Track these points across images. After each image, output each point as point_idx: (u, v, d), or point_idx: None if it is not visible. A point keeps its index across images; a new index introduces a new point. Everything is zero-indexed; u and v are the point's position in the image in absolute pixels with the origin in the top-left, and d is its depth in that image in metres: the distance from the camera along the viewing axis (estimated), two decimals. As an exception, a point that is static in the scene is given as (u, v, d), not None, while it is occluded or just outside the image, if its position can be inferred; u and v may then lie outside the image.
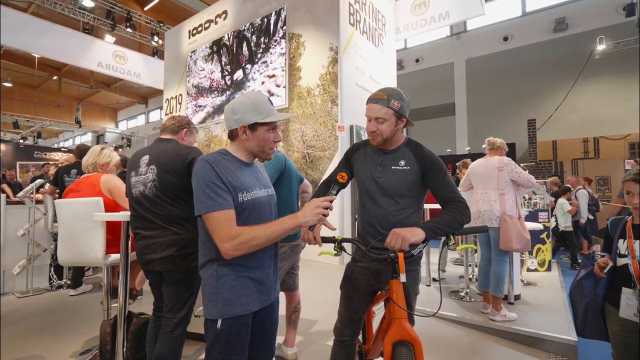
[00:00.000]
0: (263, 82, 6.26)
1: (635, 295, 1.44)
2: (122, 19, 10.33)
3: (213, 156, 1.15)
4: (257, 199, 1.19)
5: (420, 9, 6.82)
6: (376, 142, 1.43)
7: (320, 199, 1.12)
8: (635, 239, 1.49)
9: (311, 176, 5.34)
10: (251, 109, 1.18)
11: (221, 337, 1.10)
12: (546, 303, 3.20)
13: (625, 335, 1.49)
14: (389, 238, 1.21)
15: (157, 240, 1.58)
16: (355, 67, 5.50)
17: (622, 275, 1.51)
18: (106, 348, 1.93)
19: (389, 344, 1.22)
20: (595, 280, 1.63)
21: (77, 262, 2.09)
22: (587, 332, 1.67)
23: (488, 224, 2.85)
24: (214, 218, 1.06)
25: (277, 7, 6.11)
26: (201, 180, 1.09)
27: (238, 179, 1.15)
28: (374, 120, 1.37)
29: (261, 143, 1.21)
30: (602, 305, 1.62)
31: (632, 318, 1.45)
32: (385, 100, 1.35)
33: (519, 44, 10.19)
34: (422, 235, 1.19)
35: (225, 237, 1.04)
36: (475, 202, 3.00)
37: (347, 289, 1.52)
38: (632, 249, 1.48)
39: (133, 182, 1.67)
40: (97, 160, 2.44)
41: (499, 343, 2.56)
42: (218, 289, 1.11)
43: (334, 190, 1.33)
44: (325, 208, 1.11)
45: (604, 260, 1.61)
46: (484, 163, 3.03)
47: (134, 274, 3.14)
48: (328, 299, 3.41)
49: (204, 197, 1.07)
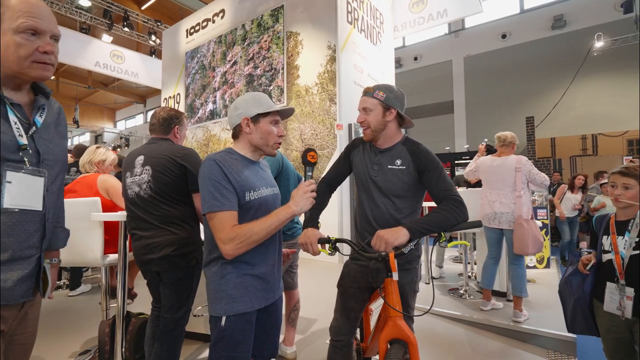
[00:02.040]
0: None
1: (618, 290, 1.48)
2: (120, 18, 10.29)
3: (220, 155, 1.16)
4: (264, 198, 1.20)
5: (418, 6, 6.81)
6: (366, 135, 1.44)
7: (304, 184, 1.17)
8: (618, 235, 1.53)
9: (310, 175, 5.33)
10: (253, 102, 1.22)
11: (225, 334, 1.11)
12: (545, 300, 3.21)
13: (616, 330, 1.53)
14: (374, 240, 1.22)
15: (154, 240, 1.58)
16: (353, 66, 5.49)
17: (607, 270, 1.55)
18: (105, 348, 1.92)
19: (383, 342, 1.23)
20: (582, 277, 1.66)
21: (75, 262, 2.09)
22: (577, 328, 1.69)
23: (506, 227, 2.80)
24: (217, 218, 1.08)
25: (275, 6, 6.09)
26: (207, 180, 1.10)
27: (245, 178, 1.16)
28: (361, 111, 1.43)
29: (264, 135, 1.22)
30: (590, 302, 1.64)
31: (616, 312, 1.49)
32: (370, 92, 1.42)
33: (517, 42, 10.18)
34: (406, 236, 1.20)
35: (226, 238, 1.06)
36: (489, 203, 2.88)
37: (344, 287, 1.52)
38: (615, 245, 1.52)
39: (128, 183, 1.66)
40: (92, 158, 2.44)
41: (498, 340, 2.57)
42: (222, 287, 1.12)
43: (310, 172, 1.28)
44: (312, 191, 1.15)
45: (587, 257, 1.64)
46: (500, 162, 2.88)
47: (132, 274, 3.14)
48: (327, 298, 3.40)
49: (209, 197, 1.09)
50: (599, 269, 1.60)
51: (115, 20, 10.35)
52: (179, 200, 1.62)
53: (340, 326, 1.49)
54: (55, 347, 2.43)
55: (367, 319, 1.78)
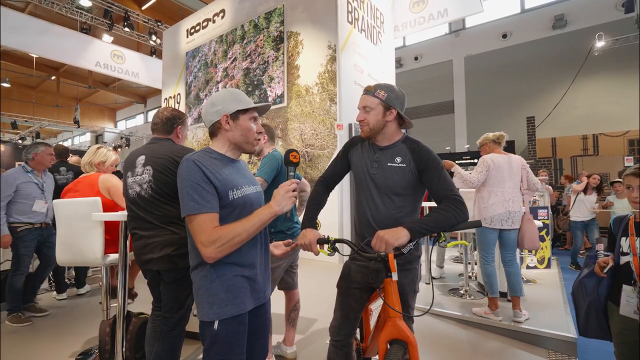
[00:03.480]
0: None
1: (635, 293, 1.44)
2: (120, 18, 10.29)
3: (199, 155, 1.13)
4: (247, 196, 1.19)
5: (419, 6, 6.80)
6: (364, 133, 1.43)
7: (286, 183, 1.15)
8: (637, 236, 1.48)
9: (310, 175, 5.33)
10: (231, 99, 1.19)
11: (218, 338, 1.09)
12: (546, 300, 3.20)
13: (627, 334, 1.48)
14: (374, 241, 1.21)
15: (154, 240, 1.58)
16: (353, 66, 5.49)
17: (624, 273, 1.50)
18: (105, 348, 1.93)
19: (383, 342, 1.23)
20: (598, 280, 1.62)
21: (76, 262, 2.09)
22: (590, 332, 1.65)
23: (517, 226, 2.77)
24: (197, 221, 1.06)
25: (275, 6, 6.09)
26: (186, 182, 1.08)
27: (227, 177, 1.14)
28: (361, 109, 1.43)
29: (245, 132, 1.20)
30: (605, 305, 1.60)
31: (632, 315, 1.44)
32: (372, 91, 1.41)
33: (517, 42, 10.17)
34: (406, 237, 1.19)
35: (207, 241, 1.04)
36: (503, 202, 2.72)
37: (344, 287, 1.52)
38: (633, 246, 1.47)
39: (129, 183, 1.66)
40: (92, 160, 2.44)
41: (498, 340, 2.56)
42: (213, 290, 1.10)
43: (291, 172, 1.25)
44: (293, 190, 1.14)
45: (604, 259, 1.60)
46: (507, 159, 2.79)
47: (132, 274, 3.14)
48: (327, 298, 3.40)
49: (187, 199, 1.07)
50: (616, 272, 1.56)
51: (116, 21, 10.35)
52: (179, 199, 1.62)
53: (340, 326, 1.49)
54: (55, 347, 2.43)
55: (367, 319, 1.78)
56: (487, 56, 10.66)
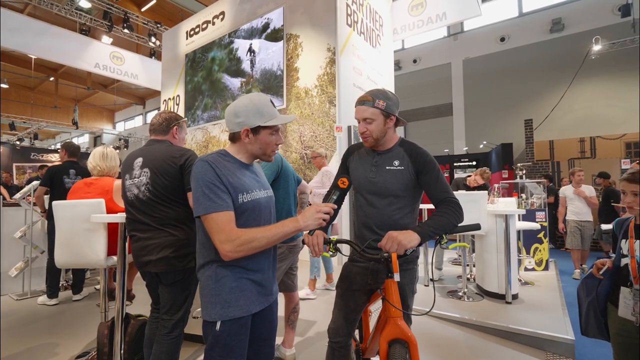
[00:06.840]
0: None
1: (632, 295, 1.45)
2: (119, 19, 10.30)
3: (213, 157, 1.14)
4: (257, 201, 1.19)
5: (417, 9, 6.84)
6: (368, 143, 1.45)
7: (321, 204, 1.14)
8: (636, 238, 1.49)
9: (309, 177, 5.33)
10: (254, 112, 1.17)
11: (220, 339, 1.09)
12: (544, 302, 3.21)
13: (624, 336, 1.50)
14: (384, 241, 1.21)
15: (152, 242, 1.58)
16: (352, 68, 5.50)
17: (624, 275, 1.52)
18: (104, 350, 1.92)
19: (384, 342, 1.23)
20: (599, 280, 1.63)
21: (76, 263, 2.07)
22: (590, 331, 1.68)
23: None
24: (213, 219, 1.05)
25: (275, 8, 6.11)
26: (200, 181, 1.08)
27: (238, 180, 1.15)
28: (362, 121, 1.41)
29: (263, 146, 1.21)
30: (605, 305, 1.62)
31: (630, 317, 1.45)
32: (370, 101, 1.39)
33: (515, 45, 10.24)
34: (417, 240, 1.21)
35: (225, 238, 1.04)
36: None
37: (343, 288, 1.52)
38: (632, 249, 1.49)
39: (127, 185, 1.66)
40: (102, 168, 2.40)
41: (496, 342, 2.57)
42: (217, 291, 1.10)
43: (334, 196, 1.30)
44: (326, 213, 1.12)
45: (601, 261, 1.62)
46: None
47: (131, 276, 3.13)
48: (326, 300, 3.41)
49: (203, 198, 1.07)
50: (617, 273, 1.57)
51: (115, 22, 10.35)
52: (177, 202, 1.62)
53: (339, 327, 1.49)
54: (53, 349, 2.42)
55: (366, 320, 1.78)
56: (485, 59, 10.72)
